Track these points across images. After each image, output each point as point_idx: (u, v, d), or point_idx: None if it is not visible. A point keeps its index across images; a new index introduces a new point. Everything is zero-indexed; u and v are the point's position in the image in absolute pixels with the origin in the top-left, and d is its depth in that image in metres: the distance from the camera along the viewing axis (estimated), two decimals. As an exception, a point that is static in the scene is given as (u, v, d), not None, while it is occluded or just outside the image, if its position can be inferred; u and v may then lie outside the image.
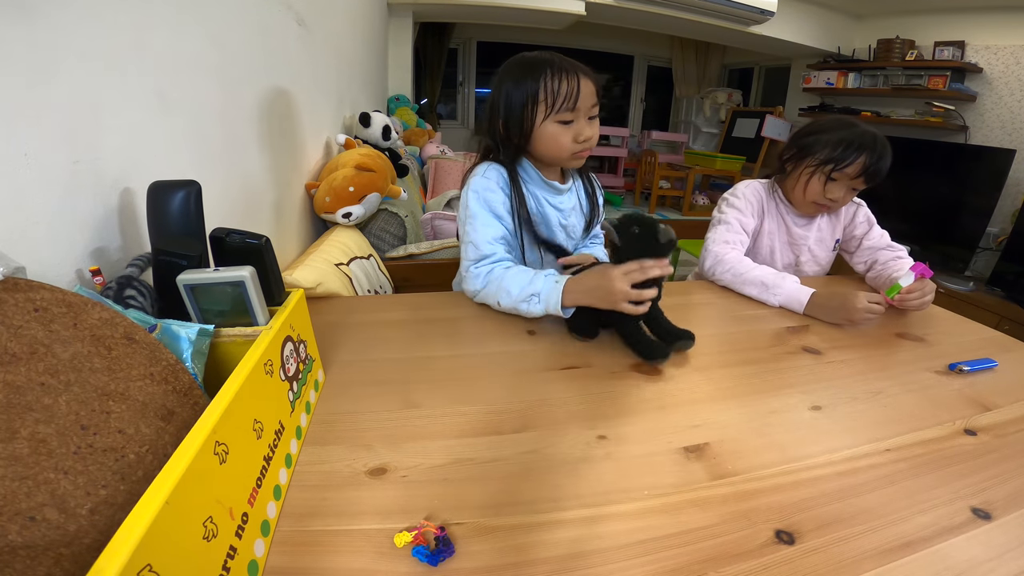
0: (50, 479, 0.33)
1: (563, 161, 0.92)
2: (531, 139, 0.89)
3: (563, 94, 0.83)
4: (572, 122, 0.86)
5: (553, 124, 0.86)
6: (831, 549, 0.45)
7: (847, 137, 1.10)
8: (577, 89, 0.83)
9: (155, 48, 0.68)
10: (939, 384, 0.76)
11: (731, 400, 0.68)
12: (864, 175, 1.10)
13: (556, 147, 0.88)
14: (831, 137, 1.12)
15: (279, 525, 0.45)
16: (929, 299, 0.99)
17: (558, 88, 0.83)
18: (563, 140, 0.87)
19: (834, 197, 1.14)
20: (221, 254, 0.58)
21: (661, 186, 5.04)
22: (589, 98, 0.85)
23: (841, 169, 1.10)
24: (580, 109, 0.85)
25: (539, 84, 0.84)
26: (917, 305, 0.98)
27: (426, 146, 3.52)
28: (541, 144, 0.89)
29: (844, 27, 4.26)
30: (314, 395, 0.63)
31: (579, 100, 0.84)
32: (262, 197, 1.06)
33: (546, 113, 0.85)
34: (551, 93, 0.83)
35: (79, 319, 0.40)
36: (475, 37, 5.64)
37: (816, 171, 1.14)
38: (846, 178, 1.11)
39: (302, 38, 1.36)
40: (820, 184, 1.14)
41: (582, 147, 0.89)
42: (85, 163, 0.55)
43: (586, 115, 0.87)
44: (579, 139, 0.87)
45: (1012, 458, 0.59)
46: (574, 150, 0.88)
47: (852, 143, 1.09)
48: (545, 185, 0.97)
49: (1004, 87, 3.20)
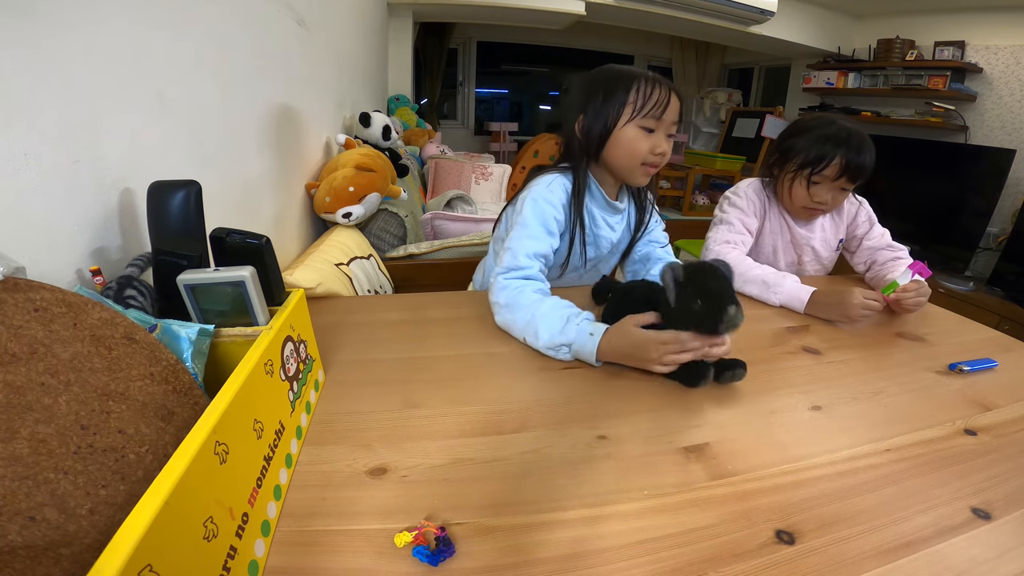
0: (50, 479, 0.33)
1: (632, 171, 0.89)
2: (607, 142, 0.87)
3: (654, 100, 0.83)
4: (654, 131, 0.85)
5: (635, 128, 0.85)
6: (831, 549, 0.45)
7: (822, 137, 1.08)
8: (668, 100, 0.83)
9: (155, 49, 0.68)
10: (939, 384, 0.76)
11: (731, 400, 0.68)
12: (845, 175, 1.07)
13: (630, 153, 0.86)
14: (807, 139, 1.10)
15: (279, 525, 0.45)
16: (924, 300, 0.98)
17: (650, 93, 0.83)
18: (640, 147, 0.85)
19: (821, 200, 1.12)
20: (221, 254, 0.58)
21: (661, 186, 5.04)
22: (674, 113, 0.85)
23: (819, 172, 1.09)
24: (664, 121, 0.85)
25: (632, 86, 0.84)
26: (912, 305, 0.97)
27: (426, 146, 3.52)
28: (617, 148, 0.87)
29: (844, 27, 4.26)
30: (314, 395, 0.63)
31: (666, 112, 0.84)
32: (262, 197, 1.06)
33: (632, 115, 0.84)
34: (643, 95, 0.83)
35: (79, 319, 0.40)
36: (475, 37, 5.63)
37: (796, 176, 1.13)
38: (827, 180, 1.10)
39: (302, 38, 1.36)
40: (803, 189, 1.13)
41: (655, 159, 0.87)
42: (85, 163, 0.55)
43: (667, 130, 0.86)
44: (656, 151, 0.86)
45: (1012, 458, 0.59)
46: (648, 160, 0.87)
47: (827, 144, 1.07)
48: (606, 204, 0.96)
49: (1004, 87, 3.19)
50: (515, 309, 0.80)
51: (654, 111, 0.83)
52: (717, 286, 0.64)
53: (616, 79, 0.85)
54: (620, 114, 0.84)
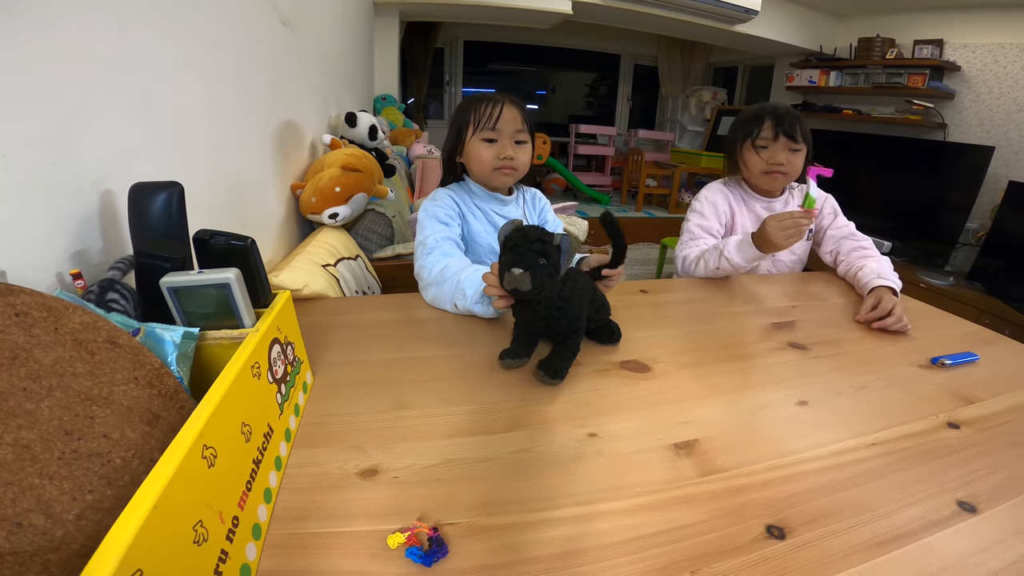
0: (35, 485, 0.32)
1: (488, 176, 1.03)
2: (463, 157, 1.04)
3: (487, 115, 0.98)
4: (495, 141, 0.99)
5: (478, 141, 0.99)
6: (821, 543, 0.45)
7: (751, 112, 1.26)
8: (499, 113, 0.98)
9: (137, 48, 0.67)
10: (922, 378, 0.77)
11: (719, 396, 0.69)
12: (782, 134, 1.19)
13: (479, 162, 1.01)
14: (740, 119, 1.29)
15: (270, 528, 0.44)
16: (905, 322, 0.94)
17: (484, 111, 0.98)
18: (485, 155, 1.00)
19: (777, 161, 1.21)
20: (205, 256, 0.57)
21: (648, 184, 5.07)
22: (509, 123, 0.98)
23: (758, 135, 1.21)
24: (502, 131, 0.98)
25: (472, 108, 0.99)
26: (897, 330, 0.93)
27: (413, 146, 3.50)
28: (469, 161, 1.03)
29: (826, 26, 4.32)
30: (303, 397, 0.62)
31: (499, 122, 0.98)
32: (246, 198, 1.05)
33: (473, 131, 0.99)
34: (479, 114, 0.98)
35: (60, 323, 0.39)
36: (462, 36, 5.62)
37: (743, 148, 1.26)
38: (770, 142, 1.21)
39: (287, 38, 1.34)
40: (755, 155, 1.24)
41: (502, 163, 1.00)
42: (65, 165, 0.54)
43: (511, 138, 1.00)
44: (500, 156, 0.99)
45: (995, 451, 0.60)
46: (495, 165, 1.00)
47: (754, 114, 1.24)
48: (489, 197, 1.08)
49: (982, 85, 3.26)
50: (441, 283, 0.91)
51: (488, 123, 0.98)
52: (520, 248, 0.62)
53: (463, 107, 1.02)
54: (466, 133, 1.00)
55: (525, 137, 1.02)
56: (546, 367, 0.69)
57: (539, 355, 0.73)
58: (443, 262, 0.93)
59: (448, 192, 1.06)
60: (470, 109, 1.00)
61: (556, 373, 0.69)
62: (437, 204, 1.03)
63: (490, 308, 0.85)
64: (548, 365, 0.69)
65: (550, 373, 0.68)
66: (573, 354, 0.72)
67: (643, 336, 0.84)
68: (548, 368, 0.69)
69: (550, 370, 0.69)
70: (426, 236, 0.99)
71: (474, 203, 1.07)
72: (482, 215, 1.08)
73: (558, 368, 0.69)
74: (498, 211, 1.09)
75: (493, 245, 1.06)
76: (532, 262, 0.61)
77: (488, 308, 0.85)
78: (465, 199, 1.07)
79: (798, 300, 1.08)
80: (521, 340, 0.74)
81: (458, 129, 1.02)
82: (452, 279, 0.89)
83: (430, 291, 0.94)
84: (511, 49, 5.84)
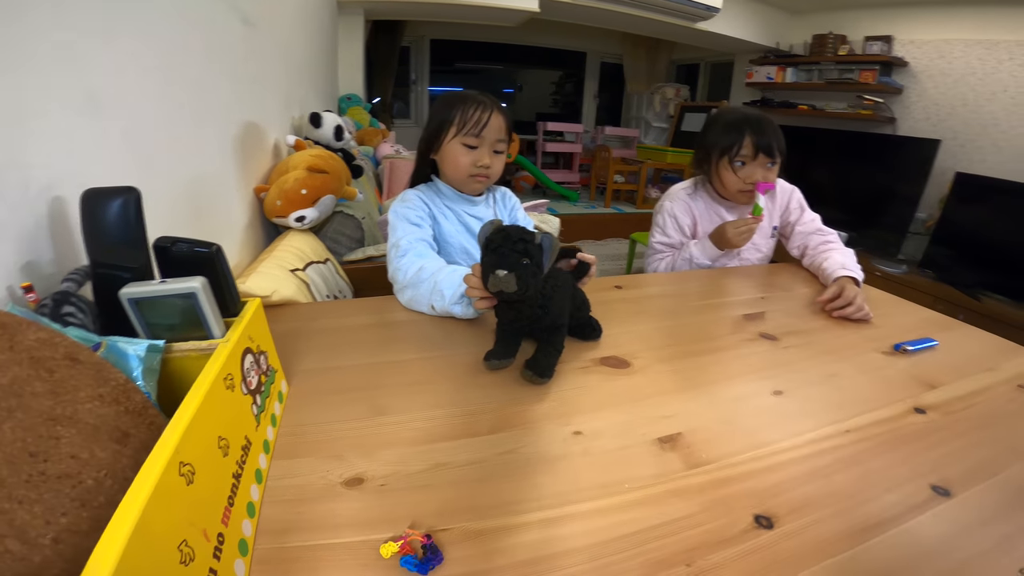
0: (5, 509, 0.30)
1: (462, 182, 1.02)
2: (440, 156, 1.00)
3: (473, 120, 0.94)
4: (476, 147, 0.96)
5: (458, 144, 0.96)
6: (809, 531, 0.46)
7: (728, 125, 1.21)
8: (487, 120, 0.94)
9: (82, 46, 0.63)
10: (888, 364, 0.80)
11: (697, 389, 0.70)
12: (761, 152, 1.18)
13: (455, 167, 0.99)
14: (716, 130, 1.23)
15: (257, 543, 0.43)
16: (865, 308, 0.97)
17: (470, 114, 0.94)
18: (463, 161, 0.97)
19: (754, 179, 1.20)
20: (167, 265, 0.54)
21: (615, 180, 5.12)
22: (494, 131, 0.96)
23: (737, 153, 1.19)
24: (485, 138, 0.95)
25: (456, 108, 0.95)
26: (859, 319, 0.96)
27: (380, 146, 3.44)
28: (444, 163, 1.01)
29: (782, 23, 4.44)
30: (279, 407, 0.60)
31: (485, 129, 0.94)
32: (207, 202, 1.01)
33: (455, 133, 0.95)
34: (464, 117, 0.94)
35: (14, 341, 0.37)
36: (428, 35, 5.55)
37: (719, 164, 1.24)
38: (748, 159, 1.20)
39: (247, 38, 1.30)
40: (731, 173, 1.22)
41: (479, 171, 0.98)
42: (7, 170, 0.51)
43: (491, 147, 0.98)
44: (478, 163, 0.97)
45: (962, 435, 0.62)
46: (471, 172, 0.98)
47: (733, 129, 1.20)
48: (459, 198, 1.06)
49: (928, 80, 3.41)
50: (417, 285, 0.89)
51: (473, 129, 0.94)
52: (503, 249, 0.62)
53: (445, 104, 0.97)
54: (447, 132, 0.96)
55: (504, 147, 1.00)
56: (533, 366, 0.69)
57: (522, 355, 0.73)
58: (418, 263, 0.91)
59: (417, 193, 1.04)
60: (456, 108, 0.95)
61: (543, 372, 0.68)
62: (407, 206, 1.01)
63: (470, 309, 0.83)
64: (535, 364, 0.69)
65: (538, 372, 0.68)
66: (558, 352, 0.71)
67: (620, 332, 0.85)
68: (535, 367, 0.68)
69: (537, 369, 0.68)
70: (399, 238, 0.96)
71: (444, 204, 1.05)
72: (453, 216, 1.06)
73: (545, 367, 0.69)
74: (468, 211, 1.08)
75: (465, 246, 1.05)
76: (516, 263, 0.60)
77: (468, 309, 0.84)
78: (435, 200, 1.04)
79: (767, 291, 1.11)
80: (505, 340, 0.73)
81: (439, 124, 0.97)
82: (429, 280, 0.87)
83: (406, 293, 0.92)
84: (478, 47, 5.81)
